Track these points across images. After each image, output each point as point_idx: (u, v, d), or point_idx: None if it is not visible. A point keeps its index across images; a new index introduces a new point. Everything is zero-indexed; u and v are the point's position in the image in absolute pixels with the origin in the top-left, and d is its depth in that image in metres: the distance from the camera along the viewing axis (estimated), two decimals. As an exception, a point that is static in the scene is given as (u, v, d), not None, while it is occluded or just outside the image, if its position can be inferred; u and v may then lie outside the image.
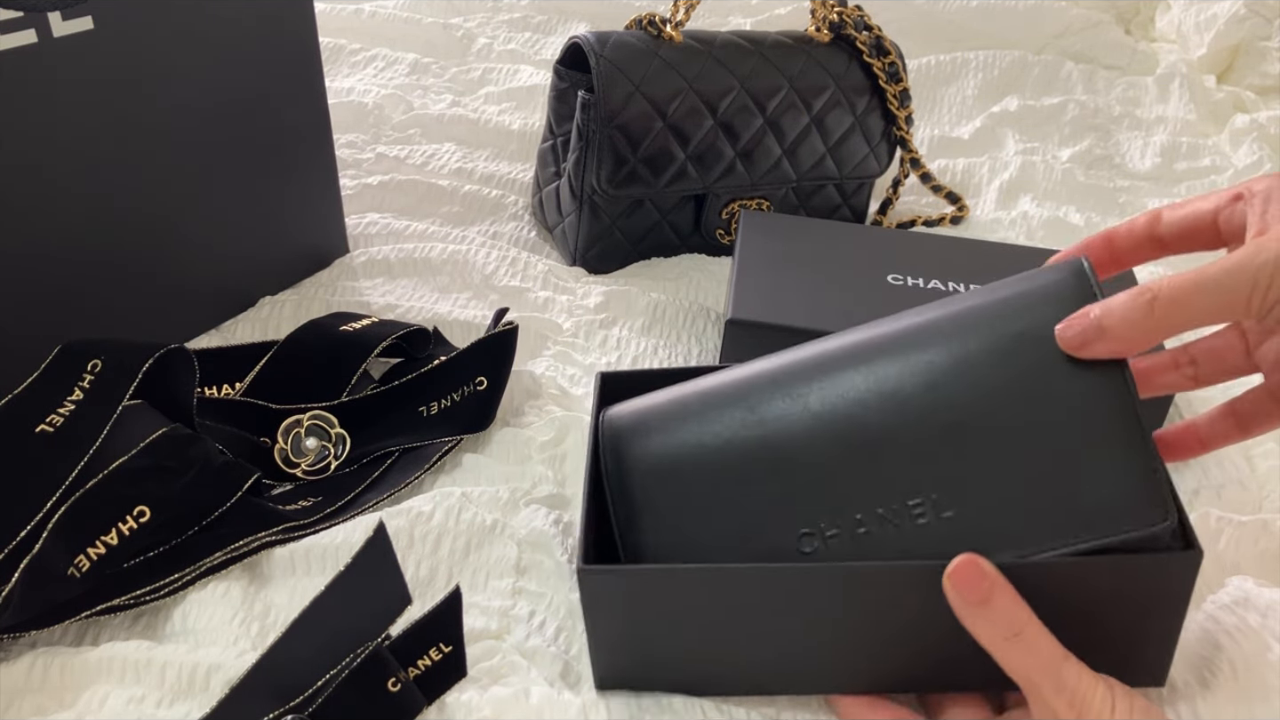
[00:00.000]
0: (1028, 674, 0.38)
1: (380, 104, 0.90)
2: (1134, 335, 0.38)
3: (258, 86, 0.62)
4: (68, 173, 0.54)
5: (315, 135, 0.68)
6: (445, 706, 0.45)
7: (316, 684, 0.44)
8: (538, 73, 0.98)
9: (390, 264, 0.71)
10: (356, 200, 0.78)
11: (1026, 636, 0.38)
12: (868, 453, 0.41)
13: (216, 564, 0.49)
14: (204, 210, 0.62)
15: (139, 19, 0.54)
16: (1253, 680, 0.45)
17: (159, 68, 0.56)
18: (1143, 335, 0.38)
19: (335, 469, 0.57)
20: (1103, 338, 0.39)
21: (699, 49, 0.72)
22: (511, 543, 0.52)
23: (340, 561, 0.49)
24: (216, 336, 0.65)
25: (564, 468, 0.57)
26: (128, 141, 0.56)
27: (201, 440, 0.51)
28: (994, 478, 0.40)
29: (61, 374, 0.51)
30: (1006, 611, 0.38)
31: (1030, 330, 0.41)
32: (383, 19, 1.05)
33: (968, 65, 1.08)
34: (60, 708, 0.44)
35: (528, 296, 0.70)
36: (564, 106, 0.74)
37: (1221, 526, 0.53)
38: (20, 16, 0.49)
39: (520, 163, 0.87)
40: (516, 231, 0.80)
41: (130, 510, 0.48)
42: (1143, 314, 0.38)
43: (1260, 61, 1.09)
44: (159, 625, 0.48)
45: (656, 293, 0.72)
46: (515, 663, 0.47)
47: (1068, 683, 0.38)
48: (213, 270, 0.64)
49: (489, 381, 0.59)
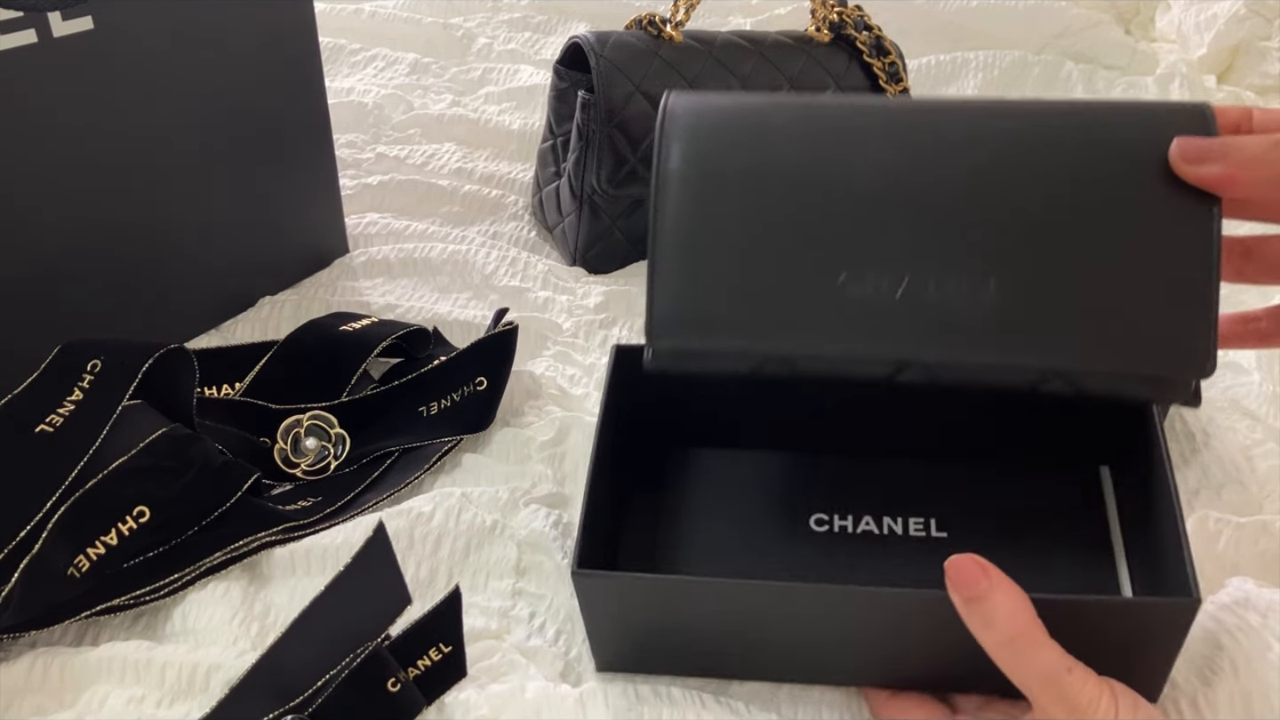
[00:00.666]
0: (1027, 682, 0.37)
1: (380, 104, 0.90)
2: (1254, 168, 0.37)
3: (258, 86, 0.62)
4: (67, 173, 0.54)
5: (315, 135, 0.68)
6: (444, 706, 0.45)
7: (316, 684, 0.44)
8: (538, 73, 0.98)
9: (390, 264, 0.71)
10: (356, 200, 0.78)
11: (1025, 642, 0.37)
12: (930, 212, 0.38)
13: (216, 564, 0.49)
14: (204, 210, 0.62)
15: (139, 19, 0.54)
16: (1253, 680, 0.45)
17: (159, 68, 0.56)
18: (1264, 170, 0.37)
19: (335, 469, 0.57)
20: (1224, 158, 0.37)
21: (699, 49, 0.72)
22: (511, 543, 0.52)
23: (340, 561, 0.49)
24: (216, 336, 0.65)
25: (564, 467, 0.57)
26: (128, 141, 0.56)
27: (201, 440, 0.51)
28: (1050, 270, 0.38)
29: (61, 374, 0.51)
30: (1005, 612, 0.37)
31: (1139, 138, 0.38)
32: (383, 19, 1.05)
33: (968, 65, 1.08)
34: (60, 708, 0.44)
35: (528, 296, 0.70)
36: (564, 106, 0.74)
37: (1221, 527, 0.53)
38: (20, 16, 0.49)
39: (520, 163, 0.87)
40: (516, 231, 0.80)
41: (130, 510, 0.48)
42: (1269, 149, 0.37)
43: (1260, 61, 1.09)
44: (159, 625, 0.48)
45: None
46: (515, 662, 0.47)
47: (1068, 692, 0.37)
48: (213, 270, 0.64)
49: (489, 381, 0.59)
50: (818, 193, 0.39)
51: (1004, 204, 0.38)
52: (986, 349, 0.38)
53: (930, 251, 0.38)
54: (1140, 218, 0.38)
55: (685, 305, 0.40)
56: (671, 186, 0.40)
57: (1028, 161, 0.39)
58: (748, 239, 0.39)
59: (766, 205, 0.39)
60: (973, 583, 0.37)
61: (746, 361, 0.41)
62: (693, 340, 0.40)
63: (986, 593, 0.37)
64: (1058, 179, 0.38)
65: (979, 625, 0.38)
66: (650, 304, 0.40)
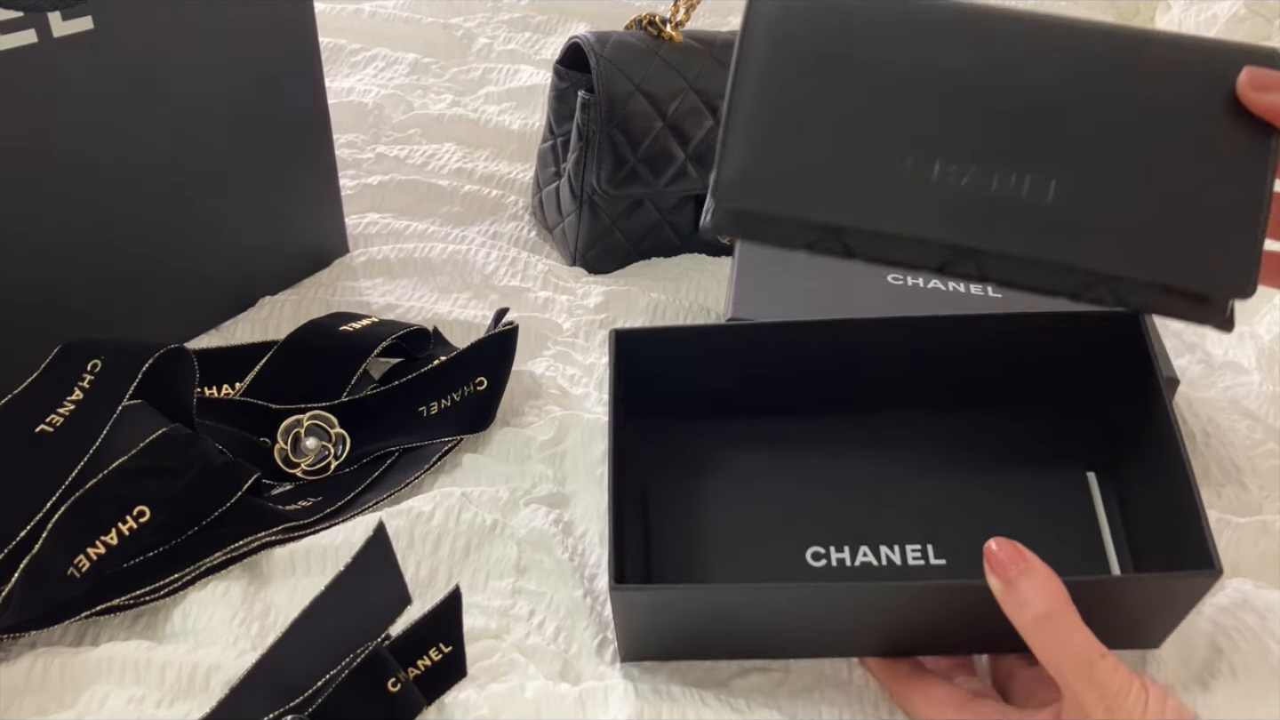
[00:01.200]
0: (1059, 663, 0.38)
1: (380, 104, 0.90)
2: None
3: (258, 86, 0.62)
4: (67, 173, 0.54)
5: (315, 135, 0.68)
6: (444, 706, 0.45)
7: (316, 684, 0.44)
8: (538, 73, 0.98)
9: (390, 264, 0.71)
10: (356, 200, 0.78)
11: (1059, 622, 0.38)
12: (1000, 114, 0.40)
13: (216, 564, 0.49)
14: (204, 210, 0.62)
15: (139, 19, 0.54)
16: (1252, 681, 0.45)
17: (159, 68, 0.56)
18: None
19: (335, 469, 0.57)
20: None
21: (699, 49, 0.72)
22: (511, 542, 0.52)
23: (340, 561, 0.49)
24: (216, 336, 0.65)
25: (564, 466, 0.57)
26: (127, 141, 0.56)
27: (201, 440, 0.51)
28: (1109, 182, 0.40)
29: (61, 374, 0.51)
30: (1041, 590, 0.38)
31: (1207, 68, 0.40)
32: (383, 19, 1.05)
33: (968, 65, 1.08)
34: (60, 708, 0.44)
35: (528, 296, 0.70)
36: (564, 106, 0.74)
37: (1221, 528, 0.53)
38: (20, 16, 0.49)
39: (520, 163, 0.87)
40: (516, 231, 0.80)
41: (130, 510, 0.48)
42: None
43: (1260, 62, 1.09)
44: (159, 625, 0.48)
45: (656, 293, 0.72)
46: (515, 661, 0.47)
47: (1099, 677, 0.37)
48: (213, 270, 0.64)
49: (489, 381, 0.59)
50: (893, 82, 0.41)
51: (1072, 117, 0.40)
52: (1038, 245, 0.40)
53: (997, 149, 0.40)
54: (1200, 142, 0.40)
55: (752, 171, 0.41)
56: (751, 63, 0.42)
57: (1099, 80, 0.41)
58: (820, 117, 0.41)
59: (841, 88, 0.41)
60: (1012, 565, 0.39)
61: (803, 234, 0.42)
62: (755, 203, 0.42)
63: (1025, 573, 0.38)
64: (1125, 100, 0.40)
65: (1015, 606, 0.38)
66: (718, 167, 0.42)
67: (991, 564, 0.39)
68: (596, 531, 0.54)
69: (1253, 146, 0.40)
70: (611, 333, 0.49)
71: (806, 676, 0.47)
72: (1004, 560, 0.39)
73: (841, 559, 0.48)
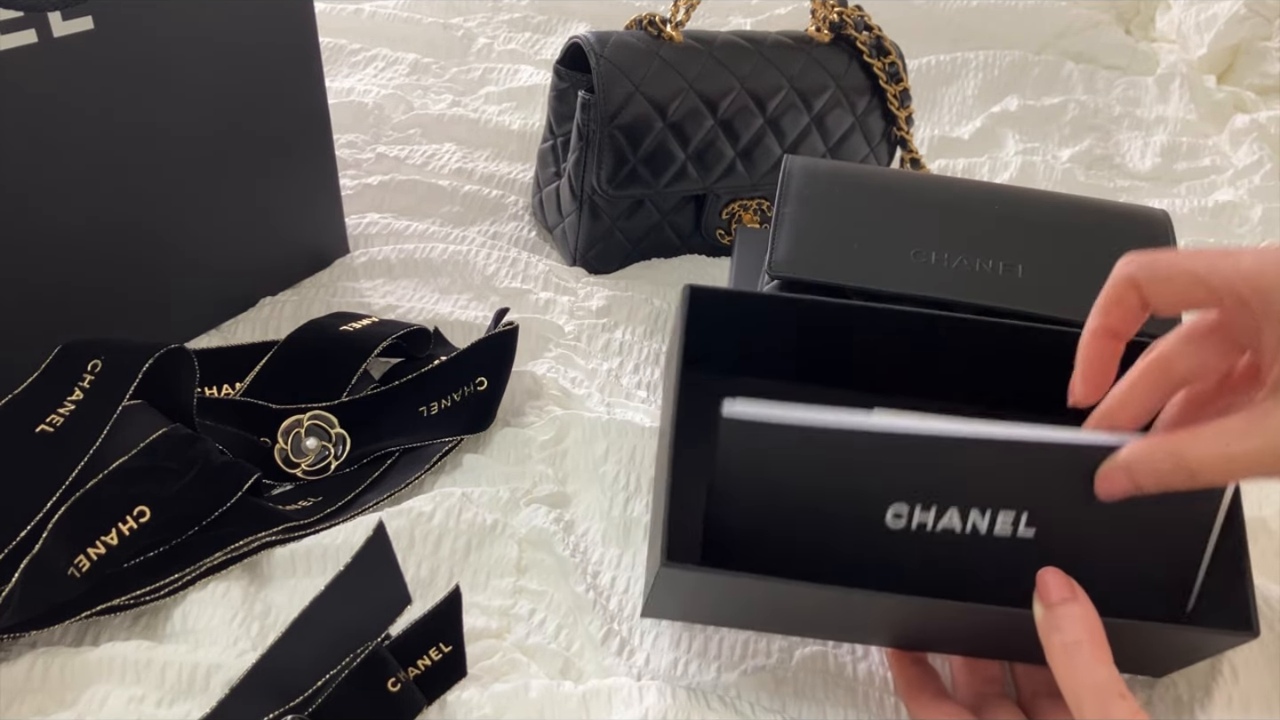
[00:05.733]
0: (1078, 692, 0.38)
1: (380, 104, 0.90)
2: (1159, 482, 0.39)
3: (258, 86, 0.62)
4: (67, 173, 0.54)
5: (315, 135, 0.67)
6: (446, 705, 0.45)
7: (316, 684, 0.44)
8: (538, 73, 0.98)
9: (390, 264, 0.71)
10: (356, 200, 0.78)
11: (1087, 652, 0.38)
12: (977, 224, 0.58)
13: (216, 564, 0.49)
14: (204, 210, 0.62)
15: (139, 19, 0.54)
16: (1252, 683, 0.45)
17: (159, 68, 0.56)
18: None
19: (335, 469, 0.57)
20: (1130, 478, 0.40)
21: (699, 49, 0.72)
22: (512, 542, 0.52)
23: (340, 561, 0.49)
24: (216, 336, 0.65)
25: (564, 466, 0.57)
26: (128, 141, 0.56)
27: (201, 440, 0.51)
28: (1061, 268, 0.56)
29: (61, 374, 0.51)
30: (1077, 619, 0.39)
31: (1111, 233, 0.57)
32: (383, 19, 1.05)
33: (968, 65, 1.08)
34: (60, 708, 0.44)
35: (529, 298, 0.70)
36: (564, 106, 0.74)
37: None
38: (20, 16, 0.49)
39: (520, 163, 0.87)
40: (516, 232, 0.80)
41: (130, 510, 0.48)
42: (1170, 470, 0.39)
43: (1260, 61, 1.09)
44: (159, 625, 0.48)
45: (658, 297, 0.72)
46: (516, 660, 0.47)
47: (1114, 715, 0.37)
48: (213, 270, 0.64)
49: (489, 382, 0.59)
50: (899, 204, 0.59)
51: (1027, 234, 0.58)
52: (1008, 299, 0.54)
53: (978, 244, 0.57)
54: None
55: (795, 256, 0.57)
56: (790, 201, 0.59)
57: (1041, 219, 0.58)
58: (845, 224, 0.58)
59: (859, 210, 0.59)
60: (1057, 592, 0.40)
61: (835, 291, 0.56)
62: (799, 274, 0.57)
63: (1067, 602, 0.39)
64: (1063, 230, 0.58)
65: (1049, 629, 0.39)
66: (770, 252, 0.58)
67: (1040, 588, 0.40)
68: (598, 530, 0.54)
69: None
70: (686, 288, 0.52)
71: (811, 675, 0.47)
72: (1052, 588, 0.40)
73: (923, 523, 0.44)
